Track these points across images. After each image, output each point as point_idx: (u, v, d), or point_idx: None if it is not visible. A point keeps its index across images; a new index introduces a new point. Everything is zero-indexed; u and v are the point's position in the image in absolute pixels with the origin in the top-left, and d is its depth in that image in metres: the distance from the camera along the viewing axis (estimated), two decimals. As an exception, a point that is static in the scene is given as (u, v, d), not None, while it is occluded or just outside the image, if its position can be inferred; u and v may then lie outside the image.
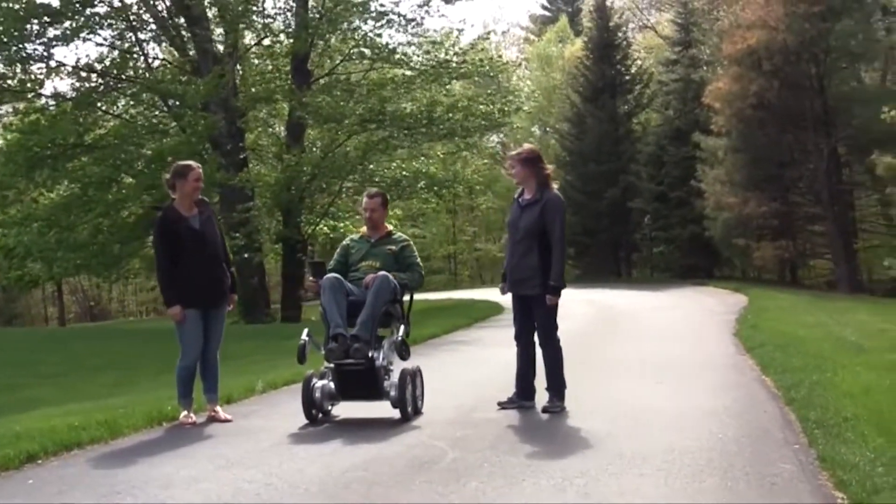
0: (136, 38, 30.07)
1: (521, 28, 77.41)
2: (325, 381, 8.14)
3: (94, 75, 29.88)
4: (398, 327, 8.31)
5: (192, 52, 29.65)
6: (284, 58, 30.43)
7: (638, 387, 9.83)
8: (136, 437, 7.74)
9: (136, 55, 30.37)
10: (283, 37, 30.69)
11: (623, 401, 8.83)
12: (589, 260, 47.31)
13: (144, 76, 29.72)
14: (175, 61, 31.10)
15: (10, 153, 28.05)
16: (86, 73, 29.68)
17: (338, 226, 32.67)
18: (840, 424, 6.93)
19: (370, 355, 7.85)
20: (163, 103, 30.05)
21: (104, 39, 29.70)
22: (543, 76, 60.48)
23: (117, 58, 29.98)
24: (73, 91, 29.70)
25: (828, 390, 8.43)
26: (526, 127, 57.81)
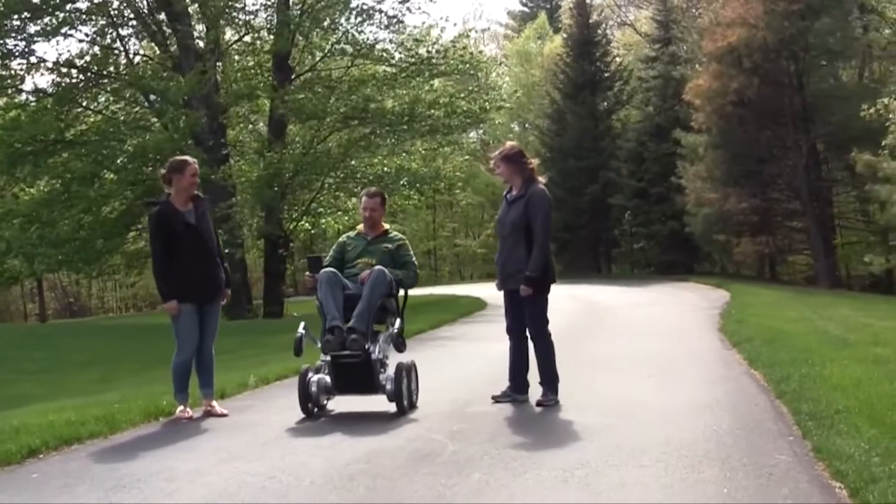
0: (118, 34, 29.97)
1: (500, 25, 77.51)
2: (321, 375, 8.17)
3: (75, 71, 29.75)
4: (393, 322, 8.36)
5: (174, 49, 29.55)
6: (266, 54, 30.37)
7: (628, 381, 9.91)
8: (135, 432, 7.77)
9: (118, 51, 30.28)
10: (265, 33, 30.64)
11: (615, 395, 8.92)
12: (569, 256, 47.46)
13: (126, 72, 29.61)
14: (156, 57, 31.00)
15: (-8, 149, 27.90)
16: (66, 69, 29.54)
17: (319, 222, 32.73)
18: (832, 416, 7.01)
19: (366, 347, 7.90)
20: (144, 99, 29.96)
21: (85, 35, 29.64)
22: (523, 73, 60.55)
23: (98, 54, 29.86)
24: (54, 87, 29.56)
25: (818, 383, 8.52)
26: (505, 123, 57.87)
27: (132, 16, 29.81)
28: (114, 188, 28.21)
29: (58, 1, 27.81)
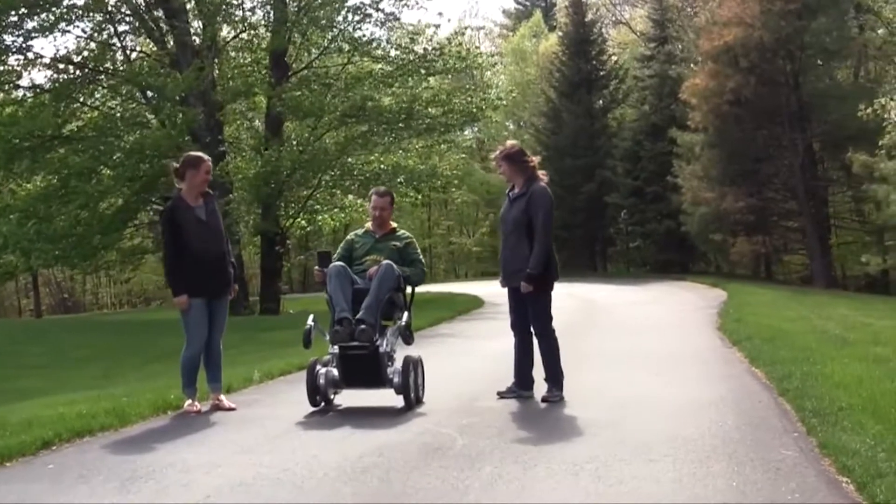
0: (115, 31, 29.96)
1: (494, 24, 77.56)
2: (329, 368, 8.25)
3: (72, 67, 29.72)
4: (401, 316, 8.44)
5: (171, 45, 29.53)
6: (263, 51, 30.37)
7: (631, 378, 9.99)
8: (145, 425, 7.84)
9: (115, 47, 30.25)
10: (262, 30, 30.65)
11: (619, 391, 9.00)
12: (565, 254, 47.32)
13: (123, 69, 29.59)
14: (153, 54, 30.96)
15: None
16: (64, 66, 29.51)
17: (315, 219, 32.77)
18: (836, 413, 7.08)
19: (375, 339, 7.98)
20: (141, 96, 29.96)
21: (83, 31, 29.60)
22: (518, 71, 60.60)
23: (95, 50, 29.83)
24: (51, 83, 29.54)
25: (820, 381, 8.59)
26: (500, 122, 57.92)
27: (129, 12, 29.75)
28: (111, 184, 28.19)
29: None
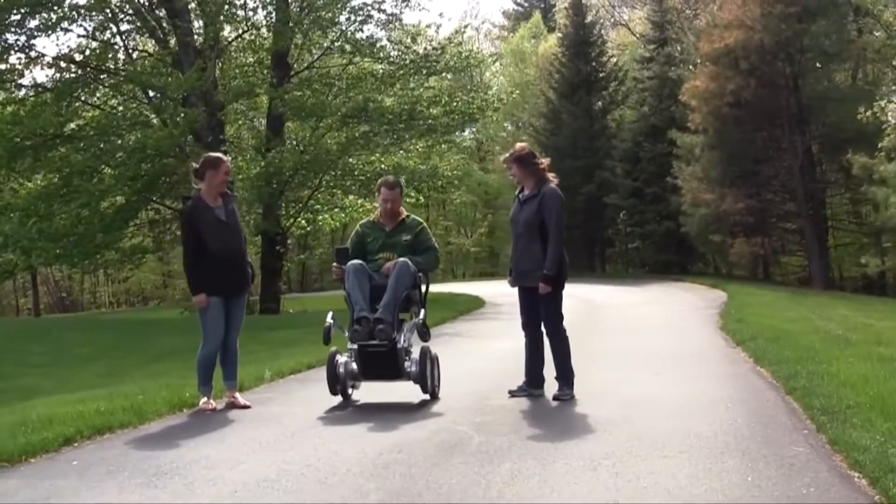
0: (117, 30, 30.00)
1: (493, 25, 77.70)
2: (348, 359, 8.40)
3: (74, 66, 29.75)
4: (417, 311, 8.58)
5: (173, 45, 29.57)
6: (265, 52, 30.43)
7: (638, 377, 10.10)
8: (163, 423, 7.94)
9: (117, 47, 30.29)
10: (264, 30, 30.71)
11: (628, 390, 9.10)
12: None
13: (125, 68, 29.62)
14: (156, 53, 30.98)
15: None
16: (66, 64, 29.54)
17: (316, 219, 32.84)
18: (845, 411, 7.20)
19: (393, 337, 8.12)
20: (143, 95, 30.00)
21: (85, 30, 29.62)
22: (517, 72, 60.69)
23: (97, 49, 29.85)
24: (53, 82, 29.57)
25: (826, 380, 8.71)
26: (499, 122, 58.02)
27: (132, 11, 29.80)
28: (112, 183, 28.21)
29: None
